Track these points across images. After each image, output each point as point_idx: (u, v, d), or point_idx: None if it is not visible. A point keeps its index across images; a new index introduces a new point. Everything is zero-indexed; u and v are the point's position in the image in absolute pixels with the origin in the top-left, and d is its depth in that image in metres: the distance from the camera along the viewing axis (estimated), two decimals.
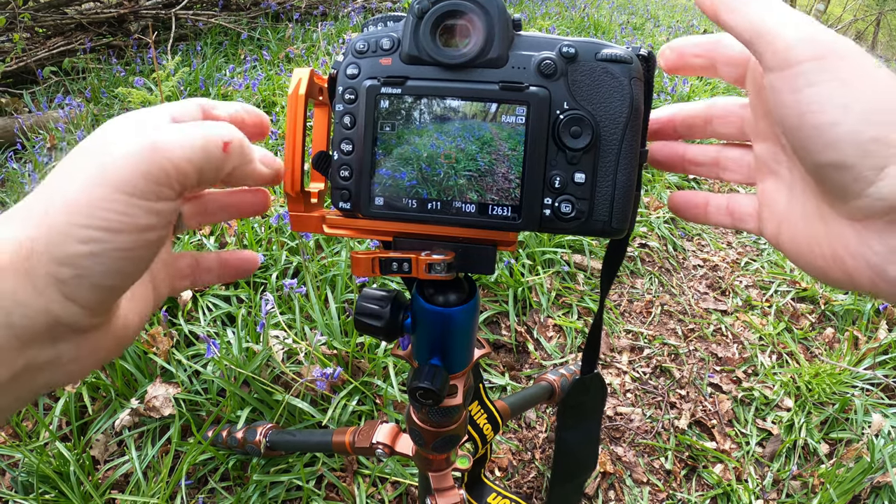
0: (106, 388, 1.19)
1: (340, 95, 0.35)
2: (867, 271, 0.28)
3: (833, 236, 0.29)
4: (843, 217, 0.28)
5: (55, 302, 0.24)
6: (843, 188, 0.27)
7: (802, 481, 1.30)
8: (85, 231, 0.23)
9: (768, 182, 0.34)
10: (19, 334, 0.23)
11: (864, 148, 0.25)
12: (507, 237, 0.39)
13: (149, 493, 1.03)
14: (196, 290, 1.41)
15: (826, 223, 0.29)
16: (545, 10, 4.56)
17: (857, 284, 0.29)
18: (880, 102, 0.25)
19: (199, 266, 0.37)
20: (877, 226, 0.27)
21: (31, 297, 0.23)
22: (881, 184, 0.25)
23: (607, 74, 0.33)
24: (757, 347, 1.65)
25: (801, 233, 0.31)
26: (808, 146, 0.27)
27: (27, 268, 0.23)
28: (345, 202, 0.36)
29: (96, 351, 0.27)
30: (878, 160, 0.25)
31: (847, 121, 0.25)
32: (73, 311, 0.24)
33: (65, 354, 0.26)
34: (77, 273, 0.24)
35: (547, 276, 1.67)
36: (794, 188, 0.32)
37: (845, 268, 0.29)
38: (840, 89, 0.26)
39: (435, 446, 0.57)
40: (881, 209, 0.26)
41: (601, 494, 1.22)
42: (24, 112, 2.54)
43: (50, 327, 0.24)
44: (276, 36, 3.32)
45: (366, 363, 1.25)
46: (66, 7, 3.08)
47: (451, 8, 0.33)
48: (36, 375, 0.25)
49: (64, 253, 0.23)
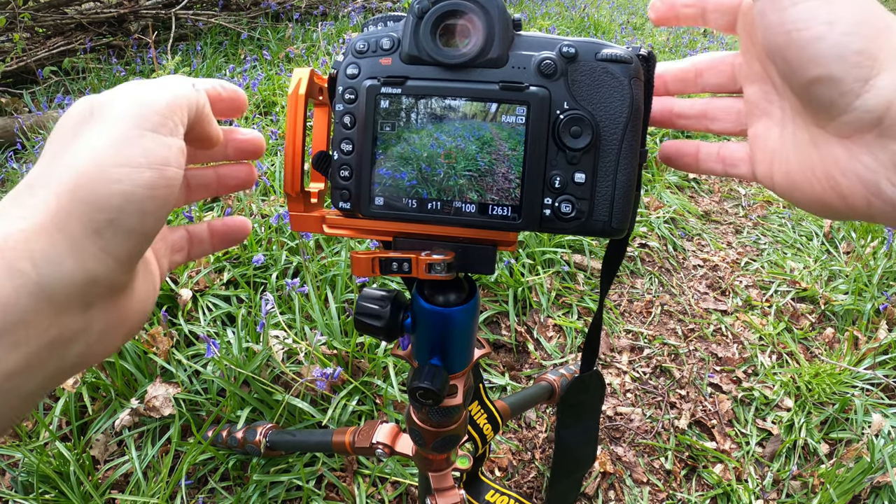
0: (106, 388, 1.19)
1: (340, 95, 0.35)
2: (861, 190, 0.28)
3: (825, 158, 0.29)
4: (833, 136, 0.29)
5: (91, 256, 0.24)
6: (830, 103, 0.27)
7: (802, 481, 1.30)
8: (116, 170, 0.24)
9: (760, 124, 0.34)
10: (53, 297, 0.23)
11: (849, 61, 0.26)
12: (507, 237, 0.39)
13: (149, 493, 1.03)
14: (196, 289, 1.41)
15: (817, 147, 0.30)
16: (545, 10, 4.56)
17: (853, 207, 0.29)
18: (862, 17, 0.26)
19: (192, 238, 0.37)
20: (866, 140, 0.27)
21: (66, 254, 0.23)
22: (867, 96, 0.26)
23: (607, 74, 0.33)
24: (757, 347, 1.65)
25: (794, 163, 0.32)
26: (796, 64, 0.27)
27: (64, 226, 0.23)
28: (345, 202, 0.36)
29: (122, 322, 0.28)
30: (863, 72, 0.26)
31: (831, 35, 0.26)
32: (108, 266, 0.25)
33: (95, 323, 0.26)
34: (111, 217, 0.24)
35: (547, 276, 1.67)
36: (786, 124, 0.33)
37: (839, 189, 0.29)
38: (824, 6, 0.26)
39: (435, 446, 0.57)
40: (869, 122, 0.26)
41: (601, 494, 1.22)
42: (24, 112, 2.54)
43: (85, 288, 0.24)
44: (276, 36, 3.32)
45: (366, 363, 1.25)
46: (66, 7, 3.08)
47: (451, 8, 0.33)
48: (67, 348, 0.25)
49: (99, 196, 0.24)
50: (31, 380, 0.24)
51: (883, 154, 0.27)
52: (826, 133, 0.29)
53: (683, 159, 0.38)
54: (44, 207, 0.24)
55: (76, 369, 0.26)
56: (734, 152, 0.36)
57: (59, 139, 0.26)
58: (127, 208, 0.24)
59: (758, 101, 0.34)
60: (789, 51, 0.28)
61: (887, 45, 0.26)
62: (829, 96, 0.27)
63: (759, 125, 0.34)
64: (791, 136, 0.32)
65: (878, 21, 0.26)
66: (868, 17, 0.26)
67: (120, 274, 0.26)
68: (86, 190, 0.24)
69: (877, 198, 0.28)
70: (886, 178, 0.27)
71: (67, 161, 0.25)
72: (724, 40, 6.52)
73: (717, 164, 0.37)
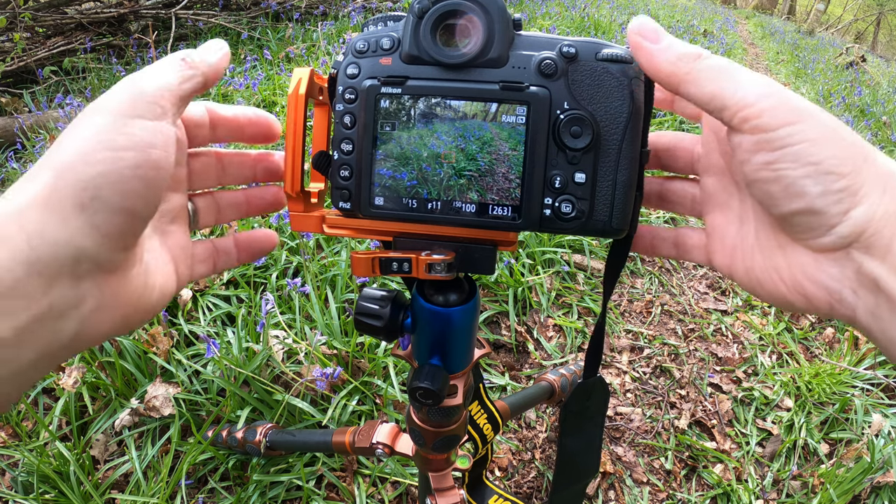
0: (106, 388, 1.19)
1: (340, 95, 0.35)
2: (825, 296, 0.30)
3: (792, 264, 0.31)
4: (804, 248, 0.31)
5: (79, 231, 0.26)
6: (809, 229, 0.29)
7: (802, 481, 1.30)
8: (98, 153, 0.26)
9: (716, 214, 0.36)
10: (43, 270, 0.25)
11: (833, 197, 0.28)
12: (507, 237, 0.38)
13: (149, 493, 1.03)
14: (196, 289, 1.41)
15: (786, 254, 0.32)
16: (545, 10, 4.56)
17: (816, 308, 0.31)
18: (845, 154, 0.28)
19: (218, 250, 0.39)
20: (836, 256, 0.29)
21: (57, 229, 0.25)
22: (843, 225, 0.28)
23: (608, 74, 0.33)
24: (757, 347, 1.65)
25: (758, 263, 0.33)
26: (779, 197, 0.30)
27: (52, 203, 0.25)
28: (345, 202, 0.36)
29: (116, 301, 0.29)
30: (844, 206, 0.28)
31: (818, 174, 0.28)
32: (96, 241, 0.26)
33: (87, 298, 0.27)
34: (95, 195, 0.26)
35: (547, 275, 1.67)
36: (746, 220, 0.34)
37: (804, 292, 0.31)
38: (811, 148, 0.28)
39: (435, 446, 0.57)
40: (842, 244, 0.29)
41: (601, 494, 1.22)
42: (24, 112, 2.54)
43: (74, 262, 0.26)
44: (276, 36, 3.32)
45: (366, 363, 1.25)
46: (67, 7, 3.07)
47: (451, 8, 0.33)
48: (59, 323, 0.26)
49: (83, 176, 0.26)
50: (24, 352, 0.25)
51: (849, 267, 0.29)
52: (796, 245, 0.31)
53: (639, 243, 0.40)
54: (38, 189, 0.26)
55: (71, 348, 0.27)
56: (690, 240, 0.38)
57: (62, 135, 0.28)
58: (111, 187, 0.26)
59: (715, 193, 0.36)
60: (772, 187, 0.29)
61: (866, 176, 0.28)
62: (807, 224, 0.29)
63: (716, 214, 0.36)
64: (753, 235, 0.34)
65: (858, 154, 0.28)
66: (849, 152, 0.28)
67: (109, 251, 0.27)
68: (71, 170, 0.26)
69: (839, 304, 0.30)
70: (850, 287, 0.29)
71: (61, 149, 0.27)
72: (724, 40, 6.52)
73: (671, 250, 0.39)
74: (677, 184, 0.39)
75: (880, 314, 0.28)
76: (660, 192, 0.40)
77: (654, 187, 0.40)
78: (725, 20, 8.67)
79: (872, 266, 0.28)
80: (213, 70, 0.32)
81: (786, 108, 0.29)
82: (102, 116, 0.28)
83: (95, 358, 1.21)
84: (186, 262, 0.36)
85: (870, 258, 0.28)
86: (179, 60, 0.31)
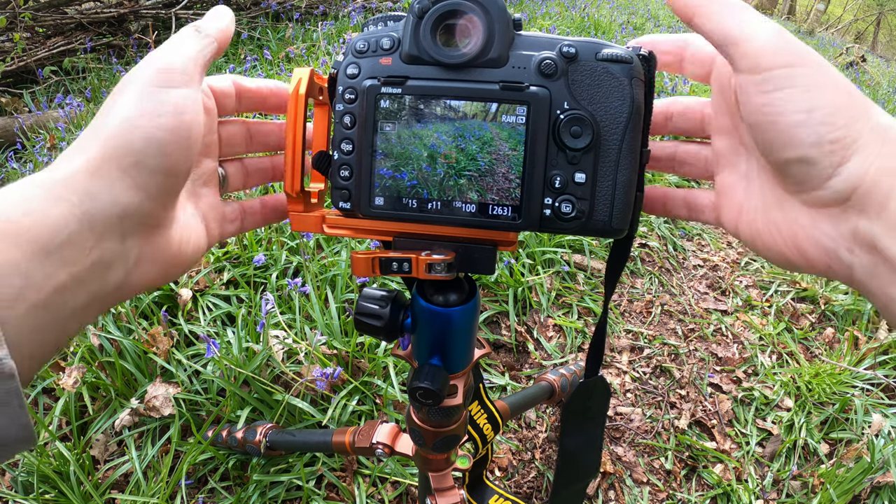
0: (106, 388, 1.19)
1: (340, 95, 0.35)
2: (822, 255, 0.30)
3: (791, 221, 0.32)
4: (801, 204, 0.31)
5: (123, 191, 0.29)
6: (803, 180, 0.30)
7: (802, 481, 1.30)
8: (138, 120, 0.29)
9: (726, 173, 0.37)
10: (94, 226, 0.28)
11: (825, 147, 0.28)
12: (507, 237, 0.38)
13: (149, 493, 1.03)
14: (196, 289, 1.41)
15: (784, 210, 0.32)
16: (545, 10, 4.56)
17: (814, 266, 0.31)
18: (841, 104, 0.28)
19: (245, 211, 0.41)
20: (831, 212, 0.30)
21: (104, 191, 0.28)
22: (837, 178, 0.28)
23: (608, 74, 0.33)
24: (757, 347, 1.65)
25: (760, 220, 0.34)
26: (774, 144, 0.30)
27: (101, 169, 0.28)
28: (345, 202, 0.36)
29: (156, 255, 0.32)
30: (836, 158, 0.28)
31: (811, 123, 0.28)
32: (139, 199, 0.29)
33: (132, 251, 0.30)
34: (137, 160, 0.29)
35: (547, 275, 1.67)
36: (752, 178, 0.35)
37: (802, 251, 0.31)
38: (805, 94, 0.28)
39: (435, 446, 0.57)
40: (836, 199, 0.29)
41: (601, 494, 1.22)
42: (24, 112, 2.54)
43: (120, 219, 0.29)
44: (276, 36, 3.32)
45: (366, 363, 1.25)
46: (67, 7, 3.07)
47: (451, 8, 0.33)
48: (108, 273, 0.29)
49: (126, 142, 0.29)
50: (78, 296, 0.28)
51: (844, 226, 0.29)
52: (793, 199, 0.31)
53: (651, 205, 0.40)
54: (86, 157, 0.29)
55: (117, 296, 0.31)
56: (700, 199, 0.39)
57: (101, 111, 0.31)
58: (149, 150, 0.29)
59: (725, 153, 0.37)
60: (768, 132, 0.30)
61: (862, 129, 0.28)
62: (802, 175, 0.29)
63: (725, 174, 0.37)
64: (757, 193, 0.34)
65: (856, 106, 0.28)
66: (847, 103, 0.28)
67: (152, 208, 0.30)
68: (115, 139, 0.29)
69: (835, 263, 0.30)
70: (846, 247, 0.29)
71: (103, 122, 0.30)
72: None
73: (682, 210, 0.40)
74: (690, 146, 0.40)
75: (878, 273, 0.28)
76: (673, 154, 0.40)
77: (667, 150, 0.40)
78: None
79: (868, 225, 0.28)
80: (223, 35, 0.35)
81: (787, 49, 0.29)
82: (137, 87, 0.30)
83: (95, 358, 1.21)
84: (217, 221, 0.39)
85: (865, 217, 0.28)
86: (194, 31, 0.34)
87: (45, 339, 0.27)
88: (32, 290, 0.25)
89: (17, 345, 0.25)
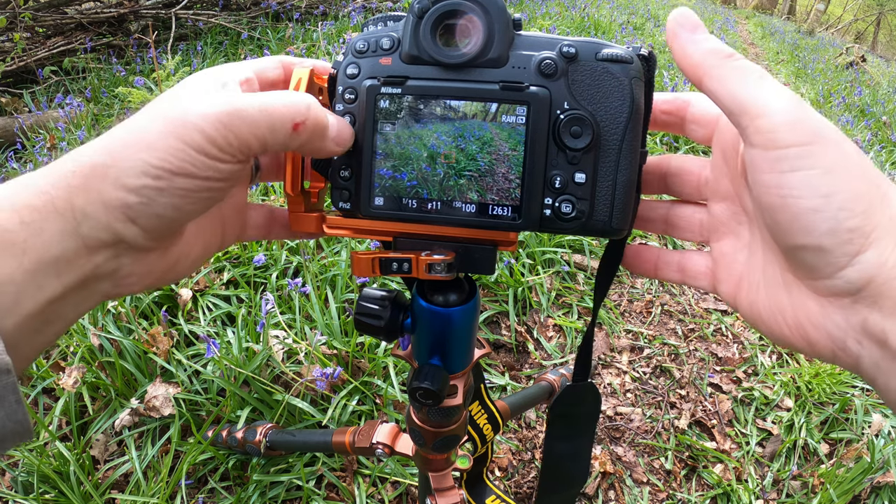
0: (106, 388, 1.19)
1: (340, 95, 0.35)
2: (829, 343, 0.29)
3: (797, 307, 0.30)
4: (809, 290, 0.29)
5: (119, 221, 0.28)
6: (814, 268, 0.27)
7: (802, 481, 1.30)
8: (157, 170, 0.27)
9: (725, 242, 0.35)
10: (87, 243, 0.28)
11: (841, 237, 0.26)
12: (507, 237, 0.38)
13: (149, 493, 1.03)
14: (196, 289, 1.41)
15: (791, 294, 0.30)
16: (545, 10, 4.56)
17: (818, 352, 0.30)
18: (860, 190, 0.26)
19: (275, 219, 0.39)
20: (841, 303, 0.28)
21: (100, 213, 0.27)
22: (851, 269, 0.26)
23: (608, 74, 0.33)
24: (757, 347, 1.65)
25: (763, 300, 0.32)
26: (787, 228, 0.27)
27: (100, 189, 0.27)
28: (345, 202, 0.36)
29: (150, 272, 0.31)
30: (853, 248, 0.26)
31: (828, 209, 0.26)
32: (134, 232, 0.28)
33: (124, 268, 0.30)
34: (143, 202, 0.28)
35: (547, 275, 1.67)
36: (755, 251, 0.33)
37: (807, 337, 0.30)
38: (823, 177, 0.26)
39: (435, 446, 0.57)
40: (848, 290, 0.27)
41: (601, 494, 1.22)
42: (24, 112, 2.54)
43: (113, 242, 0.28)
44: (276, 36, 3.32)
45: (366, 363, 1.25)
46: (67, 7, 3.07)
47: (451, 7, 0.33)
48: (98, 284, 0.29)
49: (136, 184, 0.27)
50: (67, 307, 0.28)
51: (854, 318, 0.27)
52: (801, 285, 0.29)
53: (642, 266, 0.38)
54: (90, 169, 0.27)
55: (101, 301, 0.31)
56: (695, 265, 0.36)
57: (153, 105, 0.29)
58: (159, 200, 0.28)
59: (724, 220, 0.34)
60: (781, 214, 0.27)
61: (880, 219, 0.26)
62: (814, 262, 0.27)
63: (724, 242, 0.35)
64: (760, 267, 0.32)
65: (875, 193, 0.26)
66: (866, 189, 0.26)
67: (146, 241, 0.29)
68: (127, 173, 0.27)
69: (842, 352, 0.28)
70: (854, 338, 0.28)
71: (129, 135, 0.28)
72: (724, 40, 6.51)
73: (675, 274, 0.37)
74: (685, 208, 0.37)
75: (886, 367, 0.27)
76: (666, 217, 0.38)
77: (660, 212, 0.38)
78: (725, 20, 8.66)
79: (880, 320, 0.26)
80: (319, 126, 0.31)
81: (804, 126, 0.26)
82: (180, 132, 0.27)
83: (95, 358, 1.21)
84: (237, 224, 0.37)
85: (878, 311, 0.26)
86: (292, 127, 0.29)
87: (37, 341, 0.28)
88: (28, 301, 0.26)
89: (14, 346, 0.25)
